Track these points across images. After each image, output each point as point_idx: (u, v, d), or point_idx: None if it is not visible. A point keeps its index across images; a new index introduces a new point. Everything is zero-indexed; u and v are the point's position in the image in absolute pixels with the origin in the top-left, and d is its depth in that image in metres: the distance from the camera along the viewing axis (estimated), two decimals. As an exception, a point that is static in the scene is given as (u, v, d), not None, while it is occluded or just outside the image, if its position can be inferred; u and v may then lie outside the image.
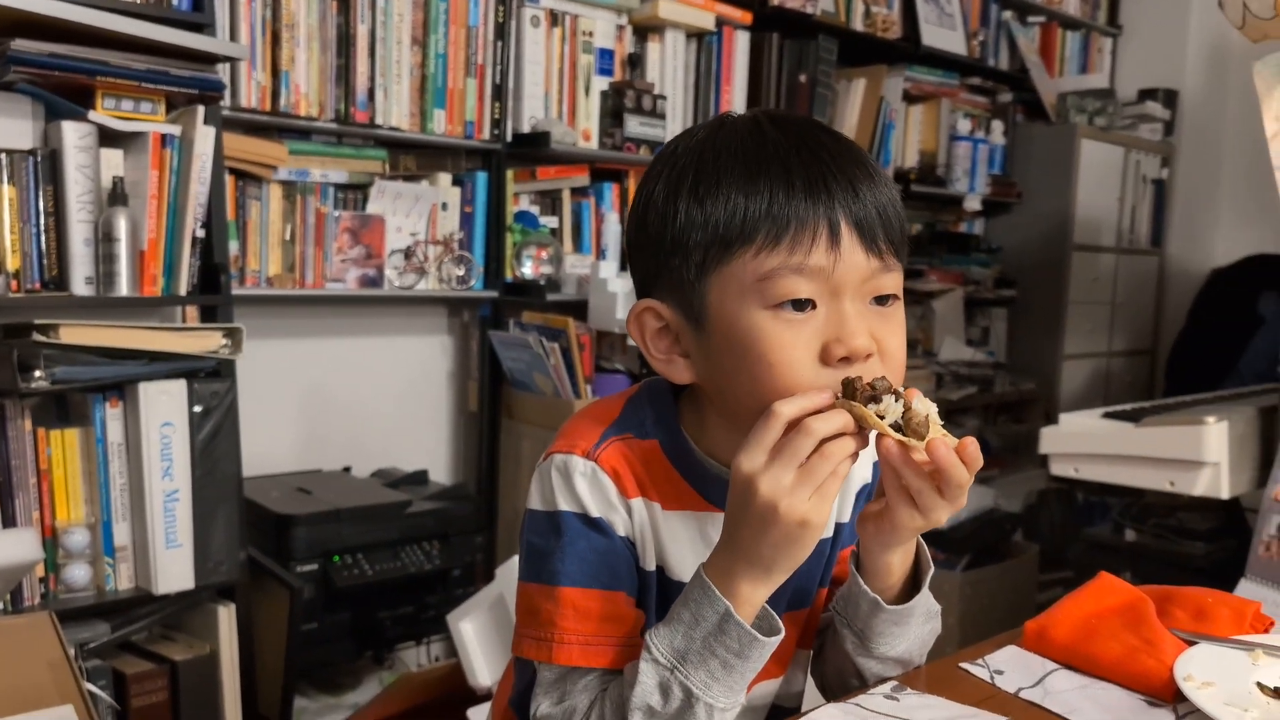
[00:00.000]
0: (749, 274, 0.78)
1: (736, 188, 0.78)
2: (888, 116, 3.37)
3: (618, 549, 0.85)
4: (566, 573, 0.84)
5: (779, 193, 0.77)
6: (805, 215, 0.77)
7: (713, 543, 0.86)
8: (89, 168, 1.78)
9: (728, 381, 0.82)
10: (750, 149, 0.80)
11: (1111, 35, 4.26)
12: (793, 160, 0.78)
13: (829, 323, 0.78)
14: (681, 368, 0.85)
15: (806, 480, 0.74)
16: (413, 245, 2.45)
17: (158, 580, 1.83)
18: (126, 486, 1.84)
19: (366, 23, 2.30)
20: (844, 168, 0.79)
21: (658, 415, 0.89)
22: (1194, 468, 2.04)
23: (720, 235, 0.78)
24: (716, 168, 0.79)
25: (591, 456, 0.85)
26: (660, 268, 0.83)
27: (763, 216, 0.77)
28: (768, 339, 0.78)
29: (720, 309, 0.80)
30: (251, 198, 2.22)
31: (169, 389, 1.83)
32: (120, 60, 1.75)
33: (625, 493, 0.86)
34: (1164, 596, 1.06)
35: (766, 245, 0.77)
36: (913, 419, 0.76)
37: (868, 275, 0.79)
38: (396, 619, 2.26)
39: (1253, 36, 1.98)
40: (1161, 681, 0.92)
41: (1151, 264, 4.11)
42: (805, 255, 0.77)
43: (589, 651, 0.84)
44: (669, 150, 0.85)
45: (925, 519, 0.80)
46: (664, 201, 0.82)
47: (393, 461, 2.60)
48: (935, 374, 3.46)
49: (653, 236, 0.83)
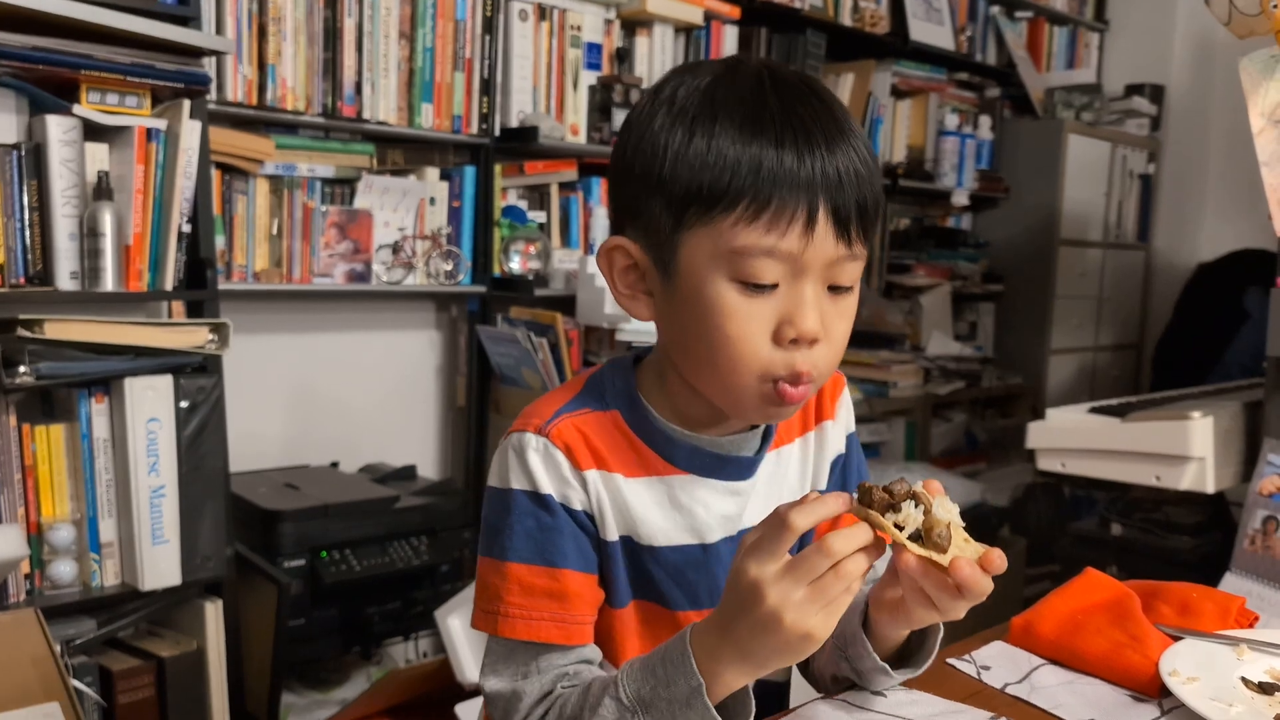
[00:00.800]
0: (724, 242, 0.78)
1: (730, 141, 0.78)
2: (876, 111, 3.37)
3: (563, 527, 0.86)
4: (514, 548, 0.85)
5: (768, 156, 0.77)
6: (788, 194, 0.77)
7: (680, 505, 0.88)
8: (73, 162, 1.76)
9: (687, 337, 0.83)
10: (750, 106, 0.79)
11: (1098, 30, 4.27)
12: (786, 128, 0.78)
13: (786, 302, 0.79)
14: (644, 305, 0.86)
15: (818, 597, 0.73)
16: (400, 240, 2.45)
17: (144, 576, 1.82)
18: (112, 482, 1.83)
19: (353, 16, 2.29)
20: (832, 140, 0.79)
21: (618, 387, 0.90)
22: (1180, 462, 2.04)
23: (705, 190, 0.78)
24: (715, 116, 0.79)
25: (543, 432, 0.86)
26: (640, 206, 0.83)
27: (748, 178, 0.77)
28: (727, 311, 0.79)
29: (690, 267, 0.81)
30: (238, 192, 2.21)
31: (155, 384, 1.82)
32: (105, 54, 1.74)
33: (578, 465, 0.86)
34: (1150, 592, 1.07)
35: (746, 216, 0.77)
36: (933, 528, 0.74)
37: (832, 261, 0.80)
38: (384, 614, 2.26)
39: (1239, 33, 1.98)
40: (1147, 677, 0.92)
41: (1138, 259, 4.12)
42: (780, 237, 0.77)
43: (531, 626, 0.85)
44: (670, 86, 0.83)
45: (942, 615, 0.80)
46: (656, 137, 0.81)
47: (381, 457, 2.59)
48: (923, 369, 3.47)
49: (639, 171, 0.82)
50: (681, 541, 0.89)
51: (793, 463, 0.96)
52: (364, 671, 2.37)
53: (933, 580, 0.76)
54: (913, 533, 0.74)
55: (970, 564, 0.74)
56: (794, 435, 0.96)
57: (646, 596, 0.90)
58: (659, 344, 0.90)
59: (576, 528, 0.86)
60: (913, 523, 0.74)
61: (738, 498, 0.91)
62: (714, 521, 0.90)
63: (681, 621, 0.90)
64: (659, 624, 0.91)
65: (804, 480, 0.96)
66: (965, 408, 3.75)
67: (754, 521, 0.90)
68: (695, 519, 0.89)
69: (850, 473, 1.00)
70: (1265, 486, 2.02)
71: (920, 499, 0.75)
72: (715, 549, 0.90)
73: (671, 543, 0.89)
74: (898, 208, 3.71)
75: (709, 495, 0.89)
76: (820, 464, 0.97)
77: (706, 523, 0.90)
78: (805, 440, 0.97)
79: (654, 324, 0.88)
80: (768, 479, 0.93)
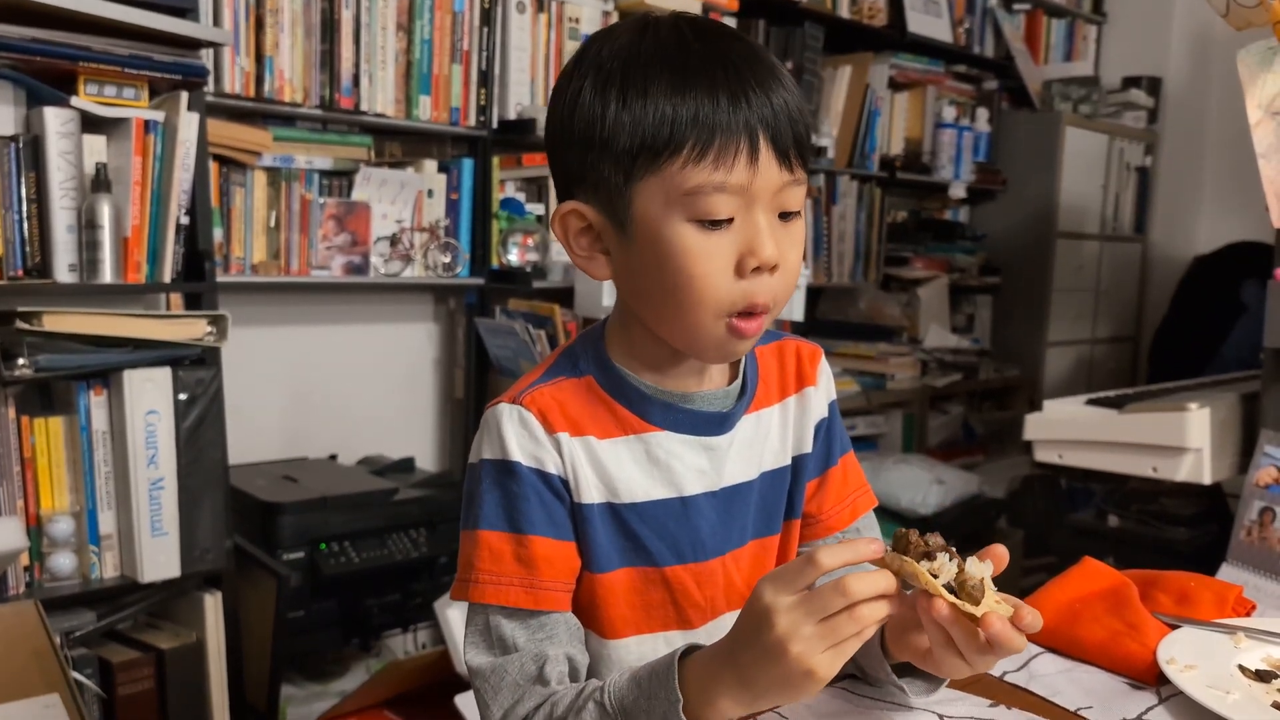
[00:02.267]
0: (675, 186, 0.80)
1: (664, 96, 0.80)
2: (873, 104, 3.37)
3: (529, 494, 0.87)
4: (484, 516, 0.87)
5: (705, 104, 0.79)
6: (729, 127, 0.79)
7: (657, 460, 0.90)
8: (71, 154, 1.76)
9: (647, 284, 0.85)
10: (676, 58, 0.82)
11: (1096, 23, 4.27)
12: (717, 73, 0.80)
13: (743, 234, 0.82)
14: (602, 264, 0.88)
15: (827, 635, 0.72)
16: (398, 232, 2.44)
17: (143, 569, 1.83)
18: (111, 475, 1.83)
19: (351, 8, 2.28)
20: (762, 80, 0.82)
21: (589, 353, 0.92)
22: (1177, 453, 2.05)
23: (649, 143, 0.80)
24: (645, 74, 0.81)
25: (518, 401, 0.88)
26: (586, 169, 0.85)
27: (689, 126, 0.79)
28: (689, 251, 0.81)
29: (645, 216, 0.83)
30: (236, 184, 2.21)
31: (154, 377, 1.82)
32: (103, 45, 1.74)
33: (551, 428, 0.88)
34: (1147, 581, 1.07)
35: (693, 158, 0.80)
36: (967, 582, 0.74)
37: (779, 188, 0.82)
38: (383, 606, 2.26)
39: (1237, 25, 1.98)
40: (1145, 665, 0.93)
41: (1135, 251, 4.13)
42: (728, 172, 0.80)
43: (500, 590, 0.86)
44: (593, 51, 0.86)
45: (970, 669, 0.79)
46: (591, 102, 0.83)
47: (379, 449, 2.59)
48: (920, 361, 3.47)
49: (579, 137, 0.84)
50: (661, 495, 0.90)
51: (773, 425, 0.97)
52: (363, 663, 2.37)
53: (962, 631, 0.75)
54: (945, 584, 0.74)
55: (1002, 620, 0.73)
56: (773, 399, 0.97)
57: (634, 560, 0.91)
58: (619, 302, 0.92)
59: (548, 494, 0.87)
60: (946, 573, 0.74)
61: (713, 453, 0.92)
62: (690, 475, 0.91)
63: (669, 577, 0.91)
64: (648, 586, 0.91)
65: (785, 443, 0.97)
66: (962, 400, 3.75)
67: (733, 479, 0.93)
68: (672, 473, 0.90)
69: (834, 437, 1.01)
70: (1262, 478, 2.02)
71: (954, 555, 0.75)
72: (694, 501, 0.91)
73: (651, 497, 0.90)
74: (895, 200, 3.71)
75: (684, 450, 0.91)
76: (803, 428, 0.98)
77: (683, 475, 0.91)
78: (785, 405, 0.98)
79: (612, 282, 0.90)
80: (747, 439, 0.94)
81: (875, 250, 3.49)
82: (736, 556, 0.94)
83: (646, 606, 0.92)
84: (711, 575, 0.93)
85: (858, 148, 3.34)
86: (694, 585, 0.92)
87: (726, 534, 0.93)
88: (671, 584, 0.91)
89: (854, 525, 1.02)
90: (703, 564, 0.92)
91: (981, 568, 0.75)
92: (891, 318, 3.50)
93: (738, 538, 0.94)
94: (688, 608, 0.92)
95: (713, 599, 0.93)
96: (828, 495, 1.00)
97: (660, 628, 0.92)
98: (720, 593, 0.94)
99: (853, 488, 1.02)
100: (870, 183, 3.44)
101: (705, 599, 0.93)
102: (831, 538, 1.01)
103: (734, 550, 0.94)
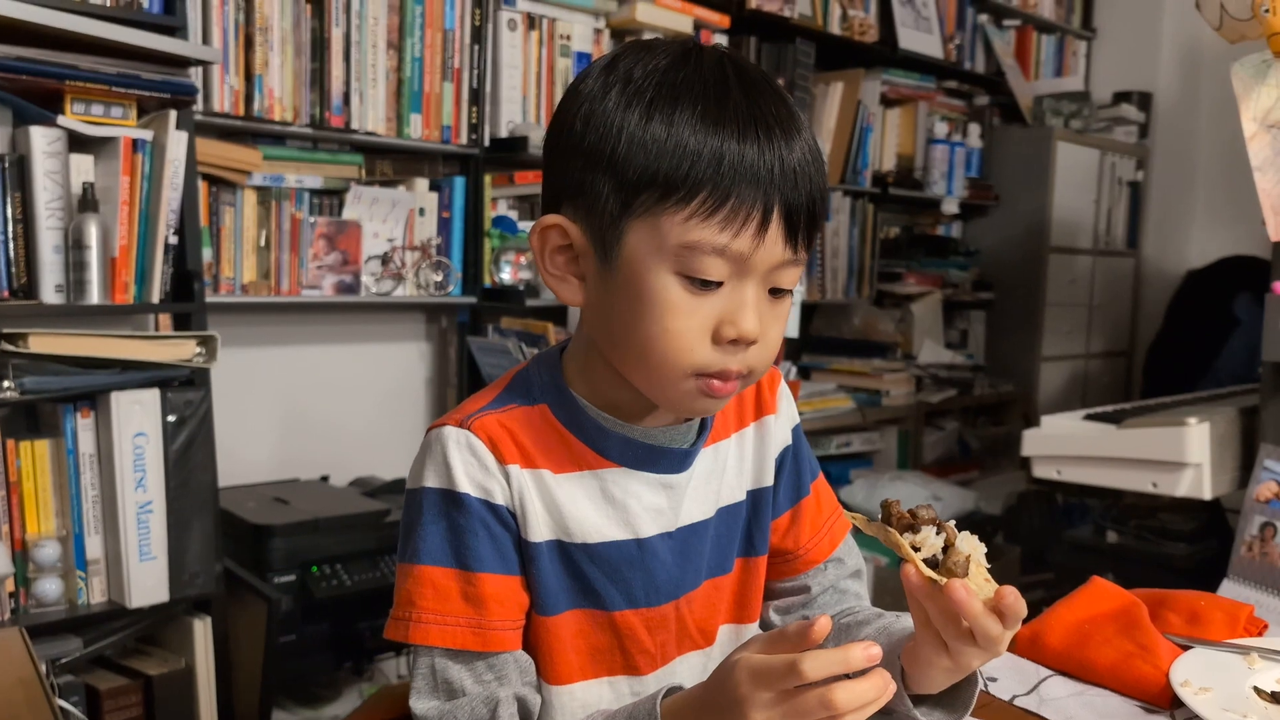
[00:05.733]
0: (674, 235, 0.76)
1: (690, 130, 0.75)
2: (865, 120, 3.37)
3: (477, 529, 0.82)
4: (427, 550, 0.82)
5: (730, 151, 0.75)
6: (746, 191, 0.75)
7: (613, 499, 0.85)
8: (58, 173, 1.74)
9: (620, 326, 0.80)
10: (713, 95, 0.77)
11: (1085, 38, 4.28)
12: (749, 126, 0.76)
13: (728, 302, 0.78)
14: (574, 289, 0.83)
15: None
16: (390, 251, 2.43)
17: (131, 593, 1.80)
18: (99, 498, 1.80)
19: (341, 26, 2.27)
20: (792, 148, 0.77)
21: (544, 380, 0.87)
22: (1176, 469, 2.03)
23: (661, 181, 0.75)
24: (675, 102, 0.76)
25: (465, 425, 0.83)
26: (584, 184, 0.79)
27: (707, 177, 0.74)
28: (669, 305, 0.77)
29: (634, 255, 0.78)
30: (225, 204, 2.19)
31: (142, 399, 1.80)
32: (90, 64, 1.72)
33: (502, 459, 0.83)
34: (1157, 600, 1.06)
35: (702, 212, 0.75)
36: (951, 557, 0.72)
37: (777, 264, 0.78)
38: (376, 629, 2.23)
39: (1230, 38, 1.98)
40: (1158, 687, 0.91)
41: (1128, 266, 4.13)
42: (733, 237, 0.75)
43: (446, 632, 0.81)
44: (626, 62, 0.80)
45: (954, 663, 0.76)
46: (610, 113, 0.77)
47: (371, 470, 2.57)
48: (915, 377, 3.46)
49: (587, 147, 0.78)
50: (616, 537, 0.86)
51: (729, 458, 0.93)
52: (356, 688, 2.34)
53: (937, 608, 0.73)
54: (929, 558, 0.72)
55: (966, 590, 0.70)
56: (730, 430, 0.93)
57: (583, 603, 0.86)
58: (583, 331, 0.87)
59: (497, 526, 0.83)
60: (930, 548, 0.72)
61: (671, 491, 0.87)
62: (647, 516, 0.86)
63: (618, 622, 0.87)
64: (596, 630, 0.87)
65: (742, 476, 0.93)
66: (957, 416, 3.74)
67: (689, 518, 0.88)
68: (628, 512, 0.86)
69: (802, 464, 0.98)
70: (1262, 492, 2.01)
71: (944, 530, 0.73)
72: (650, 544, 0.87)
73: (605, 538, 0.85)
74: (887, 216, 3.70)
75: (641, 488, 0.86)
76: (763, 459, 0.95)
77: (640, 516, 0.86)
78: (743, 436, 0.94)
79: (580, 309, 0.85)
80: (704, 475, 0.90)
81: (868, 266, 3.48)
82: (690, 599, 0.90)
83: (593, 651, 0.87)
84: (664, 620, 0.89)
85: (850, 164, 3.34)
86: (645, 632, 0.88)
87: (681, 577, 0.89)
88: (620, 629, 0.87)
89: (836, 554, 0.99)
90: (655, 609, 0.88)
91: (972, 547, 0.73)
92: (885, 334, 3.49)
93: (692, 580, 0.90)
94: (636, 654, 0.88)
95: (664, 645, 0.90)
96: (804, 527, 0.97)
97: (606, 673, 0.88)
98: (672, 638, 0.90)
99: (827, 514, 0.99)
100: (863, 199, 3.44)
101: (656, 645, 0.89)
102: (816, 569, 0.98)
103: (688, 593, 0.90)
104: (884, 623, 0.90)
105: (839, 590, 0.98)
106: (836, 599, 0.98)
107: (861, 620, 0.93)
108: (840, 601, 0.98)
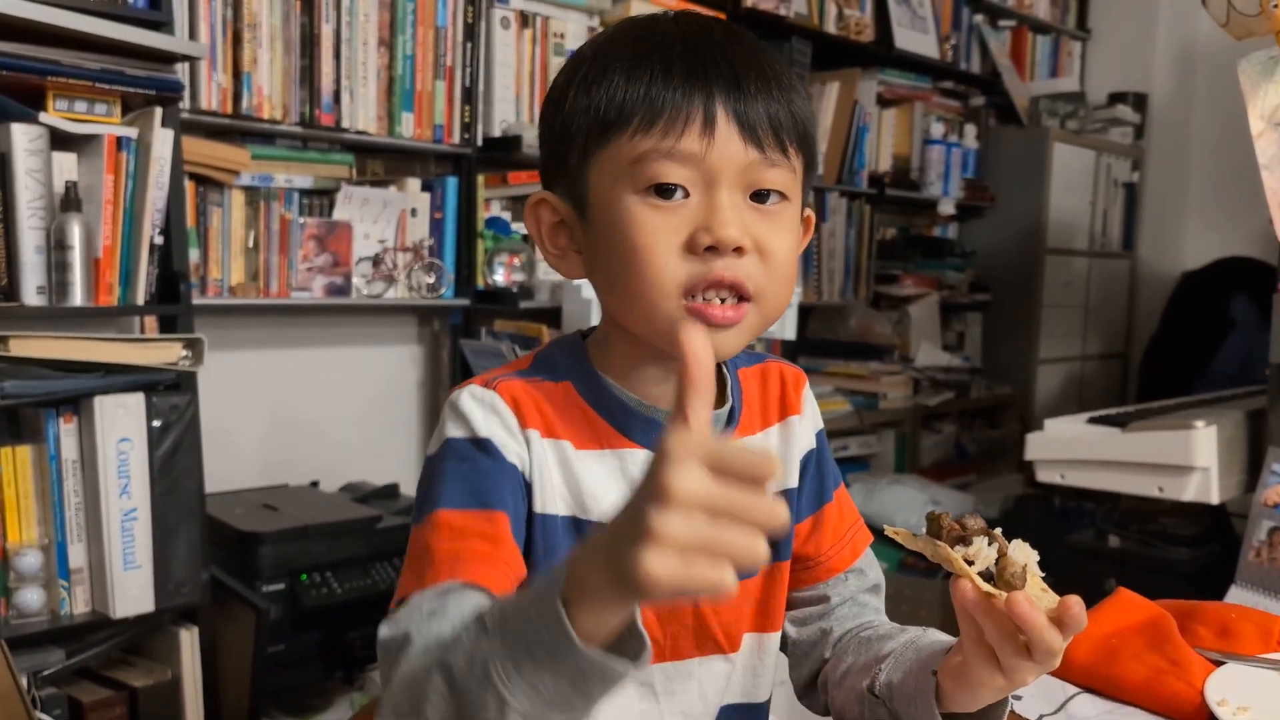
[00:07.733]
0: (624, 157, 0.77)
1: (619, 73, 0.78)
2: (861, 120, 3.34)
3: (503, 470, 0.78)
4: (446, 495, 0.76)
5: (657, 78, 0.76)
6: (680, 101, 0.76)
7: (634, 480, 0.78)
8: (40, 172, 1.70)
9: (604, 266, 0.80)
10: (640, 40, 0.80)
11: (1080, 39, 4.27)
12: (676, 50, 0.78)
13: (700, 211, 0.76)
14: (574, 263, 0.84)
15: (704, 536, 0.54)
16: (381, 252, 2.39)
17: (115, 603, 1.76)
18: (82, 506, 1.76)
19: (331, 23, 2.22)
20: (732, 61, 0.77)
21: (568, 359, 0.86)
22: (1183, 473, 2.01)
23: (599, 118, 0.78)
24: (607, 57, 0.80)
25: (490, 385, 0.82)
26: (554, 159, 0.83)
27: (639, 100, 0.76)
28: (635, 223, 0.76)
29: (598, 193, 0.79)
30: (212, 204, 2.14)
31: (126, 403, 1.76)
32: (73, 59, 1.68)
33: (523, 422, 0.80)
34: (1184, 612, 1.02)
35: (641, 128, 0.76)
36: (1006, 568, 0.68)
37: (744, 166, 0.77)
38: (367, 638, 2.19)
39: (1236, 34, 1.95)
40: (1193, 706, 0.87)
41: (1123, 267, 4.11)
42: (676, 140, 0.75)
43: (457, 566, 0.73)
44: (584, 48, 0.84)
45: (1008, 680, 0.72)
46: (559, 92, 0.82)
47: (362, 475, 2.53)
48: (912, 379, 3.44)
49: (549, 127, 0.83)
50: None
51: None
52: (347, 697, 2.30)
53: (994, 624, 0.69)
54: (983, 571, 0.68)
55: (1030, 603, 0.66)
56: (756, 427, 0.91)
57: None
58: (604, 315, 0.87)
59: (517, 474, 0.79)
60: (983, 560, 0.68)
61: None
62: None
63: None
64: None
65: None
66: (954, 419, 3.72)
67: None
68: None
69: (825, 469, 0.95)
70: (1270, 496, 1.98)
71: (995, 539, 0.69)
72: None
73: None
74: (884, 218, 3.68)
75: None
76: (788, 460, 0.92)
77: None
78: (769, 434, 0.91)
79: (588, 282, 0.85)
80: None
81: (865, 268, 3.45)
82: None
83: None
84: (678, 612, 0.85)
85: (846, 164, 3.31)
86: (654, 621, 0.84)
87: None
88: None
89: (857, 565, 0.96)
90: None
91: (1026, 555, 0.69)
92: (882, 336, 3.46)
93: None
94: None
95: (675, 637, 0.86)
96: (825, 534, 0.94)
97: None
98: (688, 634, 0.86)
99: (849, 523, 0.96)
100: (859, 199, 3.41)
101: (666, 636, 0.85)
102: (836, 578, 0.95)
103: None
104: (909, 637, 0.87)
105: (858, 603, 0.95)
106: (855, 611, 0.94)
107: (884, 634, 0.89)
108: (859, 615, 0.94)
